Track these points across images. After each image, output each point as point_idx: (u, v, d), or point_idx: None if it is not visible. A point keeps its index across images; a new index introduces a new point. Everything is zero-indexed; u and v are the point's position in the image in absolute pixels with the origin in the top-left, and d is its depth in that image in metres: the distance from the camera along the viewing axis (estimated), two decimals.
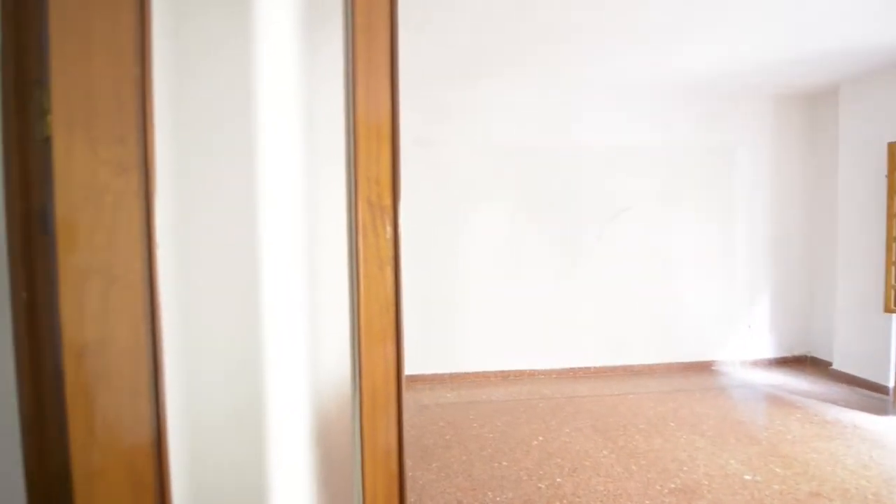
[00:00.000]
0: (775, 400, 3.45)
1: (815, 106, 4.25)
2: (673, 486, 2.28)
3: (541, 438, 2.84)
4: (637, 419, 3.10)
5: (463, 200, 3.93)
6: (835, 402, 3.32)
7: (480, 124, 3.93)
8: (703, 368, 4.21)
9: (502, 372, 4.02)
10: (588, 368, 4.11)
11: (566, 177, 4.04)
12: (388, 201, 0.81)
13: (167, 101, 0.67)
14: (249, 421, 0.82)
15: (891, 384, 3.32)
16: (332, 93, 0.88)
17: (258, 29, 0.82)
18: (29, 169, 0.56)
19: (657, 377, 4.02)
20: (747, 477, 2.34)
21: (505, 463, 2.54)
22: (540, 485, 2.33)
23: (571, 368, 4.09)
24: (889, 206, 3.26)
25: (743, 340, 4.30)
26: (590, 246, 4.10)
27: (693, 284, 4.21)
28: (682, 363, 4.21)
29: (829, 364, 3.92)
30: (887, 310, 3.30)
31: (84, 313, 0.53)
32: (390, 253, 0.81)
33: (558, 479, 2.37)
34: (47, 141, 0.53)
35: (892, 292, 3.27)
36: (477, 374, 4.00)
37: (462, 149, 3.90)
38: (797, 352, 4.36)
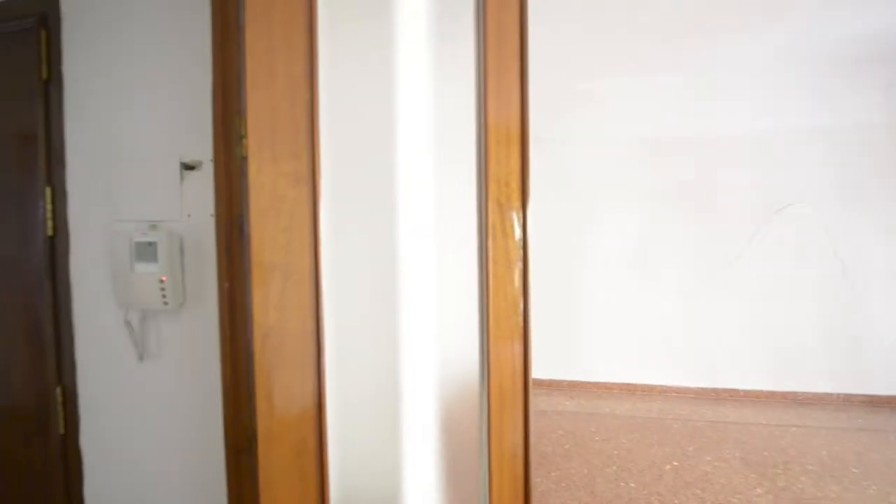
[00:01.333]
0: None
1: None
2: None
3: (675, 463, 2.56)
4: (804, 458, 2.59)
5: (587, 198, 3.74)
6: None
7: (606, 117, 3.70)
8: None
9: (628, 385, 3.72)
10: (736, 391, 3.57)
11: (710, 169, 3.58)
12: (517, 203, 0.81)
13: (326, 120, 0.78)
14: (387, 400, 0.89)
15: None
16: (459, 94, 0.91)
17: (397, 41, 0.89)
18: (231, 183, 0.69)
19: (831, 410, 3.31)
20: None
21: (633, 484, 2.35)
22: None
23: (714, 389, 3.60)
24: None
25: None
26: (741, 249, 3.56)
27: (889, 299, 3.36)
28: (870, 396, 3.39)
29: None
30: None
31: (268, 302, 0.64)
32: (519, 254, 0.81)
33: None
34: (244, 160, 0.65)
35: None
36: (599, 385, 3.76)
37: (585, 144, 3.73)
38: None
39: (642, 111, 3.67)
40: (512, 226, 0.83)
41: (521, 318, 0.83)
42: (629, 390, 3.75)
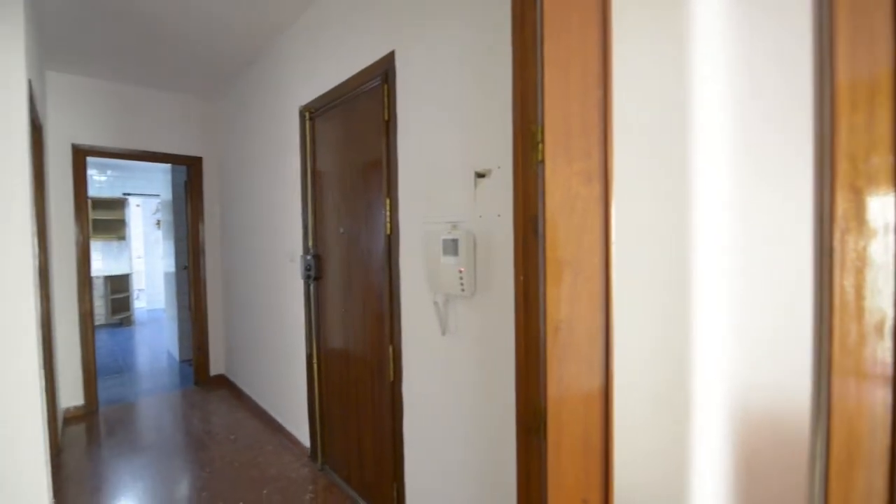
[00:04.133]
0: None
1: None
2: None
3: None
4: None
5: None
6: None
7: None
8: None
9: None
10: None
11: None
12: (886, 187, 0.59)
13: (616, 118, 0.76)
14: (668, 413, 0.81)
15: None
16: (776, 50, 0.72)
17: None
18: (527, 186, 0.77)
19: None
20: None
21: None
22: None
23: None
24: None
25: None
26: None
27: None
28: None
29: None
30: None
31: (560, 296, 0.68)
32: (889, 258, 0.59)
33: None
34: (540, 163, 0.71)
35: None
36: None
37: None
38: None
39: None
40: (874, 219, 0.61)
41: (888, 351, 0.60)
42: None
